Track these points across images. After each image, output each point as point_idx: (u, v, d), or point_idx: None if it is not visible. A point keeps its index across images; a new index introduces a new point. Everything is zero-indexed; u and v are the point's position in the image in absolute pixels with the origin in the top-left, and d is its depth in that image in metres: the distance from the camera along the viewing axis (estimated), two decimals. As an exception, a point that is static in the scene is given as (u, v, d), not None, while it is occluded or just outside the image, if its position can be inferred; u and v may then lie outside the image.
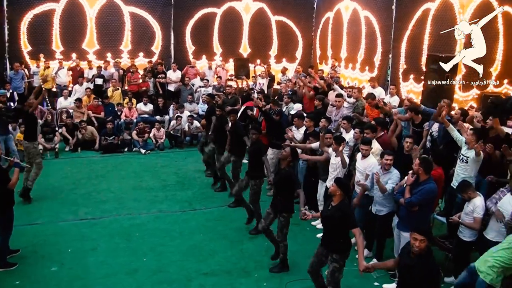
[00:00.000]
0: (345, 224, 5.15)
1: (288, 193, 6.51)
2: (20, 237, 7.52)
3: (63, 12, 14.91)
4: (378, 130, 7.76)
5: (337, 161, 7.20)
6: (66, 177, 10.53)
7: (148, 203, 9.06)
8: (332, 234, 5.28)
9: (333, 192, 5.25)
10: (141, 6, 15.51)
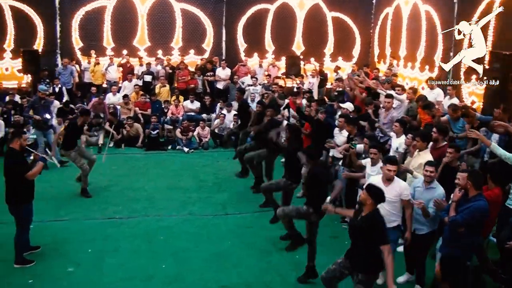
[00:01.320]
0: (374, 238, 4.34)
1: (315, 192, 5.79)
2: (44, 232, 7.33)
3: (114, 9, 14.93)
4: (439, 140, 6.67)
5: (374, 171, 6.32)
6: (104, 173, 10.25)
7: (180, 204, 8.56)
8: (359, 248, 4.50)
9: (363, 201, 4.46)
10: (193, 3, 15.22)
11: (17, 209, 6.22)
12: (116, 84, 14.52)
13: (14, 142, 6.14)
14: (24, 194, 6.21)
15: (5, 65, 14.65)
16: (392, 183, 5.37)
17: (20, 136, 6.19)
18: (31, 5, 14.48)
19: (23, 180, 6.08)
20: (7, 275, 6.17)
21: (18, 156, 6.15)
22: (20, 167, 6.10)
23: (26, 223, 6.33)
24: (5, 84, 14.08)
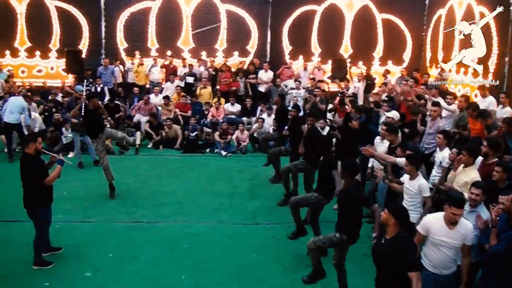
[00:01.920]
0: (401, 264, 3.78)
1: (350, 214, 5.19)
2: (69, 233, 7.22)
3: (159, 10, 14.90)
4: (489, 156, 5.89)
5: (413, 186, 5.68)
6: (138, 174, 10.15)
7: (209, 211, 8.20)
8: (387, 278, 3.93)
9: (385, 221, 3.86)
10: (238, 4, 14.93)
11: (34, 213, 6.07)
12: (159, 85, 14.47)
13: (29, 147, 5.95)
14: (41, 199, 6.04)
15: (51, 64, 15.00)
16: (457, 225, 4.35)
17: (35, 140, 5.99)
18: (76, 5, 14.74)
19: (39, 185, 5.91)
20: (25, 276, 6.05)
21: (33, 161, 5.94)
22: (36, 172, 5.90)
23: (44, 227, 6.17)
24: (49, 83, 14.39)
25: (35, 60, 15.00)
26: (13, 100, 10.66)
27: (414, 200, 5.66)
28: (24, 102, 10.81)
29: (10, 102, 10.59)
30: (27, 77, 14.85)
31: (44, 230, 6.17)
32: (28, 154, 5.93)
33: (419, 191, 5.62)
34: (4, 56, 14.84)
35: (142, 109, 13.18)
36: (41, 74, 15.03)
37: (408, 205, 5.60)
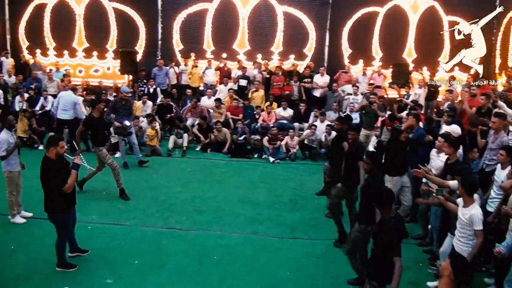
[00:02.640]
0: None
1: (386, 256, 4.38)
2: (99, 236, 7.04)
3: (216, 12, 14.69)
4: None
5: (465, 215, 4.85)
6: (181, 177, 9.89)
7: (246, 221, 7.73)
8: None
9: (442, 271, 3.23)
10: (296, 5, 14.41)
11: (53, 218, 5.89)
12: (213, 88, 14.27)
13: (50, 150, 5.71)
14: (61, 204, 5.80)
15: (107, 64, 15.25)
16: None
17: (56, 144, 5.71)
18: (134, 7, 14.88)
19: (59, 190, 5.67)
20: (48, 277, 5.91)
21: (53, 165, 5.66)
22: (55, 178, 5.64)
23: (64, 231, 5.95)
24: (105, 83, 14.57)
25: (92, 60, 15.32)
26: (64, 97, 10.79)
27: (465, 231, 4.82)
28: (75, 96, 10.96)
29: (61, 99, 10.73)
30: (84, 77, 15.18)
31: (64, 234, 5.95)
32: (48, 158, 5.70)
33: (470, 222, 4.78)
34: (63, 56, 15.28)
35: (192, 112, 13.02)
36: (97, 74, 15.33)
37: (458, 235, 4.85)
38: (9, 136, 7.06)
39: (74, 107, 10.82)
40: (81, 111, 11.19)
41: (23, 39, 15.35)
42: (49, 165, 5.64)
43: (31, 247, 6.61)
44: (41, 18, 15.08)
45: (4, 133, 7.06)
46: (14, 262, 6.23)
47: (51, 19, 15.13)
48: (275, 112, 12.89)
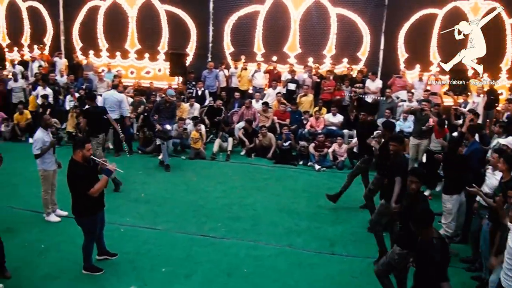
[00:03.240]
0: None
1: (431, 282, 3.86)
2: (131, 239, 6.91)
3: (267, 14, 14.33)
4: None
5: None
6: (222, 182, 9.63)
7: (283, 232, 7.32)
8: None
9: None
10: (350, 7, 13.77)
11: (80, 221, 5.75)
12: (261, 91, 13.97)
13: (76, 153, 5.56)
14: (88, 208, 5.64)
15: (158, 66, 15.31)
16: None
17: (82, 147, 5.55)
18: (185, 9, 14.83)
19: (85, 194, 5.51)
20: (74, 279, 5.82)
21: (79, 168, 5.52)
22: (81, 181, 5.49)
23: (91, 234, 5.81)
24: (156, 84, 14.62)
25: (144, 62, 15.43)
26: (108, 98, 10.79)
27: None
28: (119, 95, 10.96)
29: (106, 100, 10.71)
30: (136, 78, 15.30)
31: (91, 237, 5.82)
32: (75, 160, 5.57)
33: None
34: (115, 57, 15.53)
35: (245, 115, 12.76)
36: (149, 76, 15.42)
37: (506, 267, 4.22)
38: (45, 135, 7.07)
39: (120, 106, 10.83)
40: (126, 108, 11.19)
41: (77, 41, 15.74)
42: (76, 167, 5.51)
43: (62, 247, 6.57)
44: (95, 20, 15.39)
45: (40, 132, 7.08)
46: (43, 261, 6.21)
47: (104, 21, 15.41)
48: (324, 118, 12.38)
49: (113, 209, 7.89)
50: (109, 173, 5.65)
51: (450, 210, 6.22)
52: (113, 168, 5.68)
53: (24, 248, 6.43)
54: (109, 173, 5.65)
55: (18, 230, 6.92)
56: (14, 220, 7.21)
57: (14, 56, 15.95)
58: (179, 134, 11.62)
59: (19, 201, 8.06)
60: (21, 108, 11.99)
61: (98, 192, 5.55)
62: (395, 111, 12.16)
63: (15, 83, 13.04)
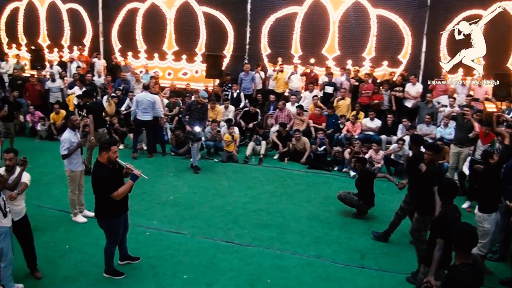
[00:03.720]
0: None
1: None
2: (156, 243, 6.83)
3: (305, 16, 14.05)
4: None
5: None
6: (252, 187, 9.43)
7: (311, 241, 7.04)
8: None
9: None
10: (391, 9, 13.27)
11: (102, 223, 5.68)
12: (298, 94, 13.71)
13: (102, 155, 5.49)
14: (111, 210, 5.55)
15: (195, 68, 15.32)
16: None
17: (108, 149, 5.46)
18: (223, 11, 14.77)
19: (107, 196, 5.43)
20: (94, 282, 5.78)
21: (104, 170, 5.46)
22: (104, 184, 5.42)
23: (113, 237, 5.73)
24: (192, 85, 14.63)
25: (181, 63, 15.50)
26: (141, 100, 10.78)
27: None
28: (150, 95, 10.96)
29: (140, 102, 10.73)
30: (173, 79, 15.39)
31: (113, 241, 5.74)
32: (100, 162, 5.50)
33: None
34: (153, 58, 15.67)
35: (279, 117, 12.56)
36: (186, 77, 15.45)
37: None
38: (72, 136, 7.08)
39: (153, 107, 10.83)
40: (159, 109, 11.20)
41: (116, 42, 15.99)
42: (100, 169, 5.46)
43: (86, 248, 6.56)
44: (133, 22, 15.58)
45: (67, 133, 7.10)
46: (66, 262, 6.21)
47: (143, 22, 15.58)
48: (361, 123, 11.98)
49: (141, 211, 7.90)
50: (135, 178, 5.55)
51: (489, 230, 5.78)
52: (139, 173, 5.56)
53: (48, 247, 6.44)
54: (135, 178, 5.55)
55: (44, 229, 6.96)
56: (42, 219, 7.26)
57: (54, 57, 16.36)
58: (213, 137, 11.52)
59: (49, 200, 8.16)
60: (57, 108, 12.20)
61: (121, 196, 5.45)
62: (435, 117, 11.62)
63: (53, 83, 13.31)
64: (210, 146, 11.59)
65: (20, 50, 16.84)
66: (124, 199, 5.64)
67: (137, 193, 8.72)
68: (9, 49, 17.29)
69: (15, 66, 14.93)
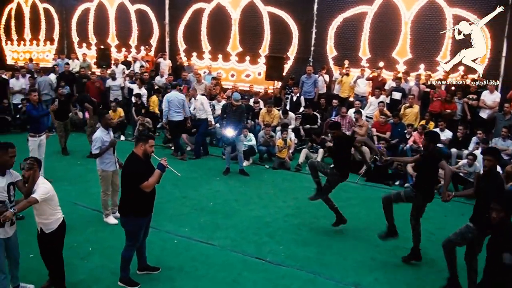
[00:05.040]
0: None
1: None
2: (181, 253, 6.46)
3: (375, 16, 13.16)
4: None
5: None
6: (297, 198, 8.77)
7: (352, 266, 6.25)
8: None
9: None
10: (468, 8, 11.96)
11: (124, 221, 5.33)
12: (363, 99, 12.83)
13: (138, 146, 5.22)
14: (135, 206, 5.21)
15: (258, 69, 14.91)
16: None
17: (145, 141, 5.20)
18: (289, 11, 14.26)
19: (135, 190, 5.11)
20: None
21: (139, 164, 5.19)
22: (134, 176, 5.11)
23: (134, 239, 5.35)
24: (255, 88, 14.30)
25: (244, 65, 15.22)
26: (173, 100, 10.58)
27: None
28: (181, 95, 10.78)
29: (172, 102, 10.56)
30: (236, 81, 15.15)
31: (134, 243, 5.37)
32: (135, 154, 5.23)
33: None
34: (217, 60, 15.52)
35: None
36: (248, 79, 15.11)
37: None
38: (104, 135, 6.87)
39: (183, 107, 10.63)
40: (188, 109, 10.97)
41: (181, 42, 16.04)
42: (134, 161, 5.19)
43: (108, 252, 6.27)
44: (199, 22, 15.53)
45: (100, 131, 6.92)
46: (84, 265, 5.97)
47: (208, 23, 15.49)
48: (430, 133, 10.84)
49: (176, 216, 7.58)
50: (162, 168, 5.24)
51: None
52: (166, 164, 5.27)
53: (71, 248, 6.22)
54: (162, 167, 5.24)
55: (73, 228, 6.71)
56: (74, 218, 7.08)
57: (119, 56, 16.74)
58: (266, 141, 11.01)
59: (86, 199, 8.08)
60: (114, 106, 12.28)
61: (151, 187, 5.16)
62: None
63: (113, 82, 13.50)
64: (263, 151, 11.09)
65: (90, 49, 17.39)
66: (150, 198, 5.33)
67: (177, 197, 8.46)
68: (79, 48, 17.95)
69: (82, 64, 15.41)
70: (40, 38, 19.12)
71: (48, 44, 18.91)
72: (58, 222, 5.07)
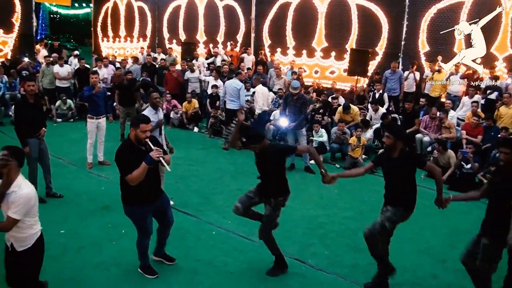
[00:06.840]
0: None
1: None
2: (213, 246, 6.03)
3: (472, 6, 11.76)
4: None
5: None
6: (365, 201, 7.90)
7: (408, 281, 5.33)
8: None
9: None
10: None
11: (126, 209, 4.89)
12: (456, 99, 11.52)
13: (130, 131, 4.69)
14: (134, 194, 4.69)
15: (344, 66, 14.03)
16: None
17: (136, 125, 4.57)
18: (379, 3, 13.28)
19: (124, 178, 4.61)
20: (114, 279, 5.12)
21: (129, 150, 4.60)
22: (123, 162, 4.55)
23: (143, 229, 4.94)
24: (338, 85, 13.50)
25: (329, 61, 14.49)
26: (228, 86, 10.37)
27: None
28: (238, 83, 10.43)
29: (228, 88, 10.35)
30: (319, 78, 14.49)
31: (145, 231, 4.95)
32: (129, 139, 4.73)
33: None
34: (301, 55, 14.96)
35: (428, 127, 10.62)
36: (333, 76, 14.34)
37: None
38: (152, 114, 6.55)
39: (239, 95, 10.26)
40: (243, 99, 10.54)
41: (266, 38, 15.71)
42: (125, 146, 4.68)
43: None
44: (284, 17, 15.09)
45: (147, 111, 6.70)
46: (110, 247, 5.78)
47: (294, 18, 14.98)
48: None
49: (223, 208, 7.17)
50: (150, 162, 4.49)
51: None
52: (156, 156, 4.50)
53: (104, 229, 6.06)
54: (150, 161, 4.50)
55: (113, 209, 6.57)
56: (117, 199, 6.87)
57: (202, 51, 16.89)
58: (338, 138, 10.21)
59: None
60: (189, 97, 12.24)
61: (135, 181, 4.49)
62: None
63: (192, 74, 13.55)
64: (335, 149, 10.27)
65: (179, 45, 17.70)
66: (145, 187, 4.63)
67: (231, 189, 8.02)
68: (169, 44, 18.37)
69: (167, 58, 15.67)
70: (134, 35, 19.95)
71: (141, 40, 19.64)
72: (35, 237, 3.88)
